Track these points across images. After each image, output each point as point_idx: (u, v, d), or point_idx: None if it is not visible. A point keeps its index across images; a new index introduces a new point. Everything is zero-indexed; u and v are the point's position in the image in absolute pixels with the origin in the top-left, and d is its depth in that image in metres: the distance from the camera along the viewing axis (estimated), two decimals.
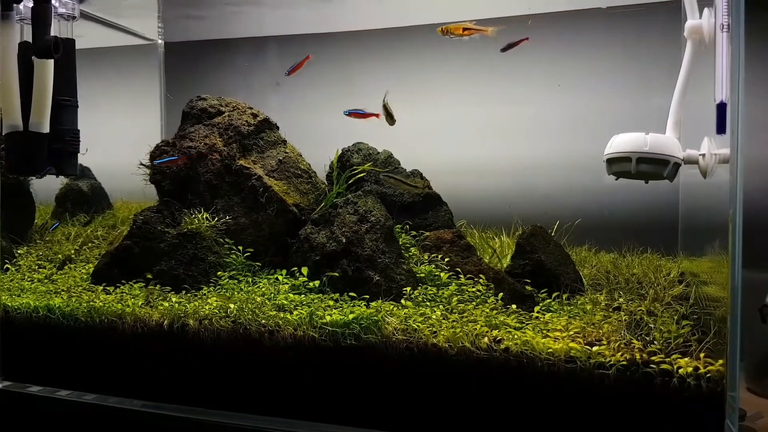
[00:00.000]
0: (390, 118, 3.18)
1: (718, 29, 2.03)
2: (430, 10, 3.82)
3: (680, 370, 1.98)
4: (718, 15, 2.05)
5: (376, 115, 3.16)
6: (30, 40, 2.91)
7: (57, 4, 3.18)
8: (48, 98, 2.90)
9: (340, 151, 3.45)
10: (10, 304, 2.95)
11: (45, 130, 2.91)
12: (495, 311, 2.51)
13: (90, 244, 3.80)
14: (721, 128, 1.94)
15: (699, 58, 2.47)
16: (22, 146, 2.91)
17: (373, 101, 4.19)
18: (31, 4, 2.89)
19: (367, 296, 2.64)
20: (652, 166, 2.46)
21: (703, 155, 2.39)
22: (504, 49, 2.99)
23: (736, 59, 1.92)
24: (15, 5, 2.88)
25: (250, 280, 2.97)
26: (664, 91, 2.59)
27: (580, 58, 3.72)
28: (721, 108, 1.94)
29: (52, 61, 2.89)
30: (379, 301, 2.59)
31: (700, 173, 2.44)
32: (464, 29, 2.93)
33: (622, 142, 2.50)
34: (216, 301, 2.69)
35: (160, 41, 4.77)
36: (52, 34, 2.91)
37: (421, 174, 3.47)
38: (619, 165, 2.51)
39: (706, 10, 2.39)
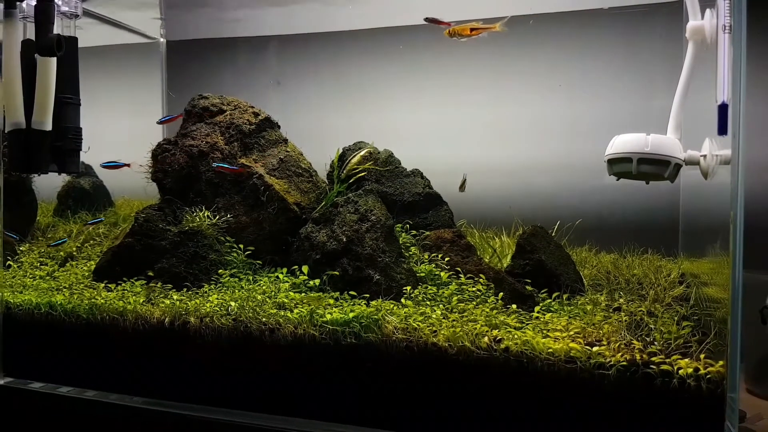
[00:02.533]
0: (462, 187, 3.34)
1: (719, 30, 2.03)
2: (432, 9, 3.83)
3: (680, 371, 1.98)
4: (719, 16, 2.05)
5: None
6: (33, 37, 2.91)
7: (60, 2, 3.19)
8: (50, 96, 2.90)
9: (341, 150, 3.46)
10: (12, 300, 2.96)
11: (47, 128, 2.92)
12: (495, 311, 2.51)
13: (92, 242, 3.81)
14: (722, 129, 1.94)
15: (701, 59, 2.47)
16: (24, 144, 2.91)
17: (373, 101, 4.21)
18: (34, 2, 2.90)
19: (368, 295, 2.64)
20: (653, 167, 2.45)
21: (705, 156, 2.39)
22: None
23: (738, 60, 1.92)
24: (18, 3, 2.89)
25: (250, 278, 2.98)
26: (666, 92, 2.59)
27: (581, 58, 3.72)
28: (723, 109, 1.94)
29: (54, 59, 2.89)
30: (379, 300, 2.59)
31: (701, 174, 2.44)
32: (471, 29, 2.91)
33: (624, 143, 2.49)
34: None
35: (162, 40, 4.78)
36: (55, 32, 2.91)
37: (422, 173, 3.47)
38: (620, 165, 2.51)
39: (707, 11, 2.39)
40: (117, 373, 2.75)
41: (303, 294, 2.71)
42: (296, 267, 2.90)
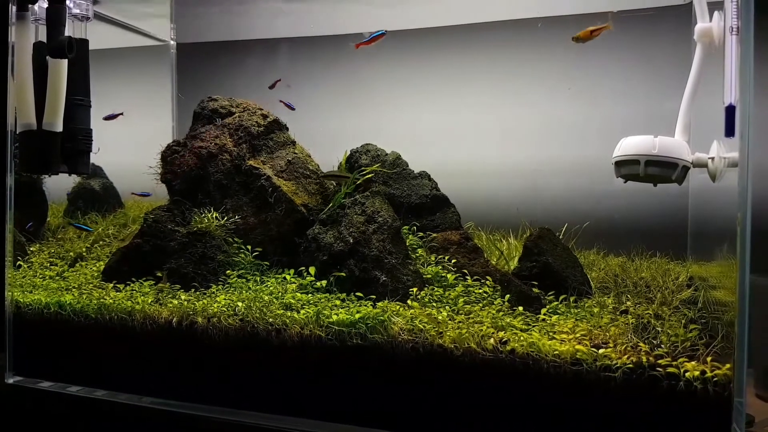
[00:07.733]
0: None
1: (727, 32, 2.02)
2: (441, 12, 3.83)
3: (687, 374, 1.97)
4: (727, 18, 2.04)
5: None
6: (44, 40, 2.95)
7: (71, 5, 3.22)
8: (61, 98, 2.93)
9: (348, 152, 3.47)
10: (21, 300, 2.99)
11: (58, 129, 2.95)
12: (501, 313, 2.51)
13: (101, 242, 3.84)
14: (729, 131, 1.94)
15: (709, 61, 2.46)
16: (35, 145, 2.94)
17: (382, 103, 4.22)
18: (45, 5, 2.93)
19: (374, 296, 2.65)
20: (660, 169, 2.45)
21: (712, 158, 2.38)
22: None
23: (746, 62, 1.92)
24: (30, 6, 2.93)
25: (258, 279, 2.99)
26: (674, 94, 2.59)
27: (590, 61, 3.71)
28: (730, 111, 1.93)
29: (65, 61, 2.92)
30: (386, 301, 2.60)
31: (709, 177, 2.43)
32: (591, 32, 2.95)
33: (631, 145, 2.49)
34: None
35: (172, 42, 4.82)
36: (66, 34, 2.95)
37: (429, 175, 3.48)
38: (627, 167, 2.51)
39: (716, 14, 2.38)
40: (126, 372, 2.77)
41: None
42: (303, 268, 2.91)
